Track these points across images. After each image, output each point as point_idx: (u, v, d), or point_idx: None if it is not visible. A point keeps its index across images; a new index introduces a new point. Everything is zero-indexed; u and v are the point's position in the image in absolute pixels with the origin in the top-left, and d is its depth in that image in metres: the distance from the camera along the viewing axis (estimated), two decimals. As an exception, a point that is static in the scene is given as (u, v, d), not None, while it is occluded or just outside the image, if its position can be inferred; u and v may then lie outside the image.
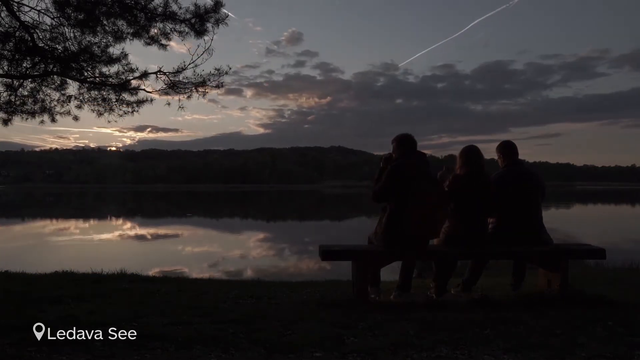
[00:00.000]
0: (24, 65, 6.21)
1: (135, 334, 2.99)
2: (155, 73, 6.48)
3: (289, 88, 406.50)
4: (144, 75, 6.53)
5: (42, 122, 7.04)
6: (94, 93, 6.82)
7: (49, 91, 6.87)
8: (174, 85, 6.50)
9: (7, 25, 5.90)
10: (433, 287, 4.30)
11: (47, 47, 6.15)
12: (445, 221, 4.24)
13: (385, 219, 4.07)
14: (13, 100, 6.75)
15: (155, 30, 6.09)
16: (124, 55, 6.46)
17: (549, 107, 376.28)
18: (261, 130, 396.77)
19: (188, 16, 6.00)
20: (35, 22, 5.96)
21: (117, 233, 18.65)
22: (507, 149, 4.46)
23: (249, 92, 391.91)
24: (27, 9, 5.84)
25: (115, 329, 3.07)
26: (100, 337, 2.92)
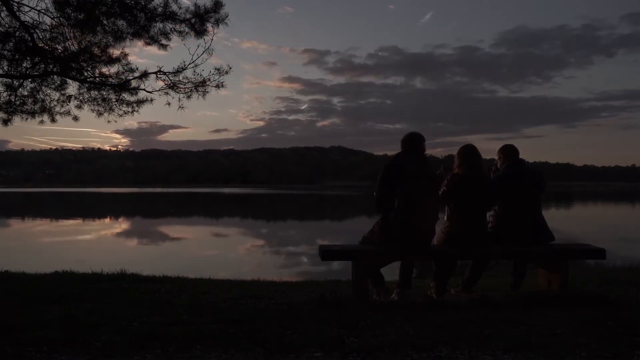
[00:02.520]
0: (24, 65, 6.21)
1: (135, 334, 2.99)
2: (155, 73, 6.48)
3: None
4: (144, 75, 6.52)
5: (42, 122, 7.05)
6: (94, 93, 6.82)
7: (48, 91, 6.88)
8: (174, 85, 6.49)
9: (7, 25, 5.90)
10: (433, 287, 4.30)
11: (47, 47, 6.16)
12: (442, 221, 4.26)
13: (385, 218, 4.07)
14: (13, 100, 6.76)
15: (155, 30, 6.10)
16: (124, 55, 6.47)
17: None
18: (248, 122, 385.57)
19: (188, 16, 6.01)
20: (35, 22, 5.96)
21: (117, 233, 18.66)
22: (508, 150, 4.51)
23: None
24: (27, 9, 5.85)
25: (115, 329, 3.07)
26: (100, 337, 2.92)
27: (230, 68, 6.45)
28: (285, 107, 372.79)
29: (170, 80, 6.47)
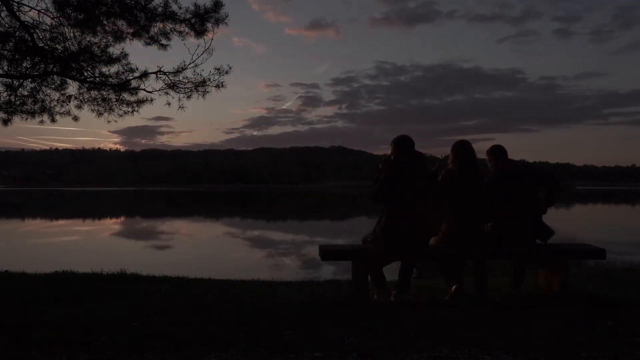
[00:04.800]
0: (24, 65, 6.21)
1: (135, 334, 2.99)
2: (155, 73, 6.47)
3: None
4: (144, 75, 6.52)
5: (42, 122, 7.06)
6: (94, 93, 6.82)
7: (49, 91, 6.87)
8: (174, 85, 6.50)
9: (7, 25, 5.91)
10: (453, 290, 4.22)
11: (47, 47, 6.16)
12: (444, 220, 4.25)
13: (384, 219, 4.07)
14: (13, 100, 6.75)
15: (155, 30, 6.10)
16: (124, 55, 6.47)
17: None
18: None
19: (188, 16, 6.01)
20: (35, 22, 5.97)
21: (117, 233, 18.65)
22: (497, 151, 4.52)
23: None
24: (27, 9, 5.86)
25: (115, 329, 3.07)
26: (100, 337, 2.92)
27: (230, 68, 6.46)
28: (273, 98, 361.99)
29: (170, 80, 6.47)
